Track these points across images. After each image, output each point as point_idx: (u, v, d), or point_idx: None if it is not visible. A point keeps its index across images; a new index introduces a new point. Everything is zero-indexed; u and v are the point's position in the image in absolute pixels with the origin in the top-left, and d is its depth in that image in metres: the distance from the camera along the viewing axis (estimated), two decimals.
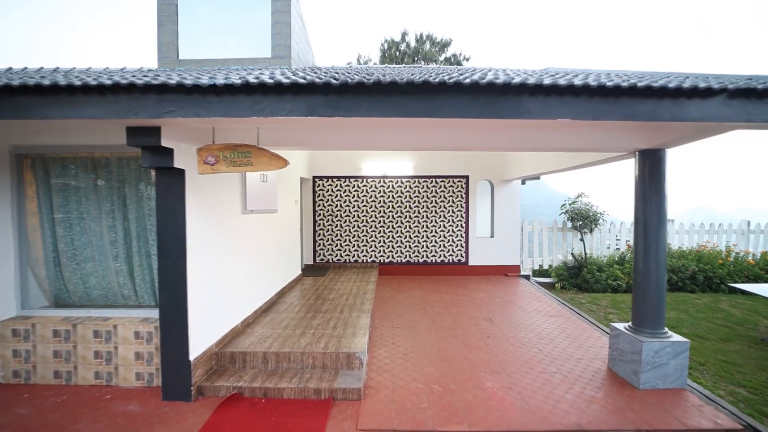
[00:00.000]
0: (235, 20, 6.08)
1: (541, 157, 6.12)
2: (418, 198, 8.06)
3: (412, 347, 4.32)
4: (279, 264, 5.75)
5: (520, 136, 3.46)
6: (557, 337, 4.68)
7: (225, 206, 3.91)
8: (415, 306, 5.93)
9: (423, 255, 8.12)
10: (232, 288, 4.05)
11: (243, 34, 6.12)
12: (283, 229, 5.98)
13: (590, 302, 6.72)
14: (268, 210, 5.11)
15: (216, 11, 5.88)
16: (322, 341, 3.84)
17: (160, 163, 2.91)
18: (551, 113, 2.47)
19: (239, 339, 3.90)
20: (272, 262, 5.42)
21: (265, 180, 4.94)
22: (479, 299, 6.35)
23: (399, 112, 2.43)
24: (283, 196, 5.97)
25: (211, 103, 2.44)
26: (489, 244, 8.14)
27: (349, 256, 8.13)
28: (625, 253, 8.33)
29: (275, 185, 5.40)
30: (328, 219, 8.08)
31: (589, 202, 8.07)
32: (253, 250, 4.66)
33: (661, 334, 3.47)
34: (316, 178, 8.06)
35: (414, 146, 3.49)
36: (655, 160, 3.48)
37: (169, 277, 3.10)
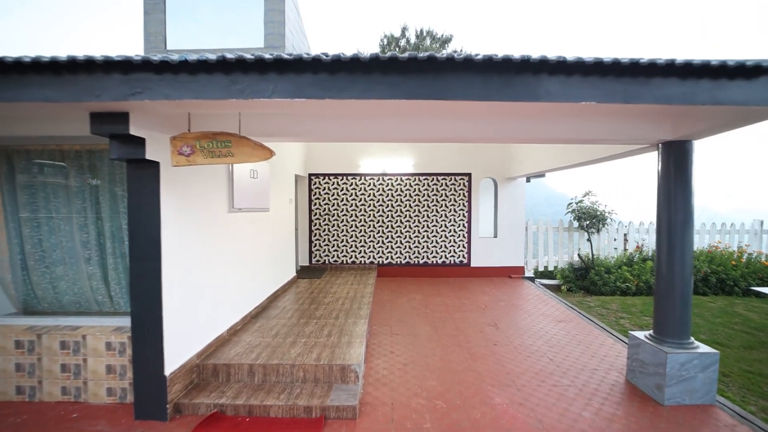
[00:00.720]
0: (226, 8, 5.75)
1: (548, 153, 5.80)
2: (419, 196, 7.74)
3: (413, 357, 3.99)
4: (271, 266, 5.43)
5: (533, 126, 3.14)
6: (568, 345, 4.36)
7: (209, 204, 3.58)
8: (416, 310, 5.60)
9: (423, 256, 7.80)
10: (217, 293, 3.72)
11: (234, 22, 5.80)
12: (276, 229, 5.65)
13: (599, 306, 6.40)
14: (258, 208, 4.78)
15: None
16: (314, 351, 3.51)
17: (130, 154, 2.58)
18: (574, 95, 2.15)
19: (224, 349, 3.57)
20: (264, 264, 5.09)
21: (255, 176, 4.61)
22: (483, 303, 6.03)
23: (400, 93, 2.11)
24: (276, 193, 5.64)
25: (183, 84, 2.11)
26: (492, 245, 7.83)
27: (346, 257, 7.80)
28: (634, 254, 8.02)
29: (267, 182, 5.07)
30: (325, 218, 7.75)
31: (596, 201, 7.76)
32: (241, 251, 4.34)
33: (687, 345, 3.16)
34: (312, 176, 7.73)
35: (416, 137, 3.16)
36: (681, 152, 3.16)
37: (142, 282, 2.77)
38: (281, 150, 5.93)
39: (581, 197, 7.87)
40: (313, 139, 3.34)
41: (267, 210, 5.15)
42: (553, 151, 5.61)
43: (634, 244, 8.29)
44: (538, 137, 3.17)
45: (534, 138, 3.18)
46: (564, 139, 3.27)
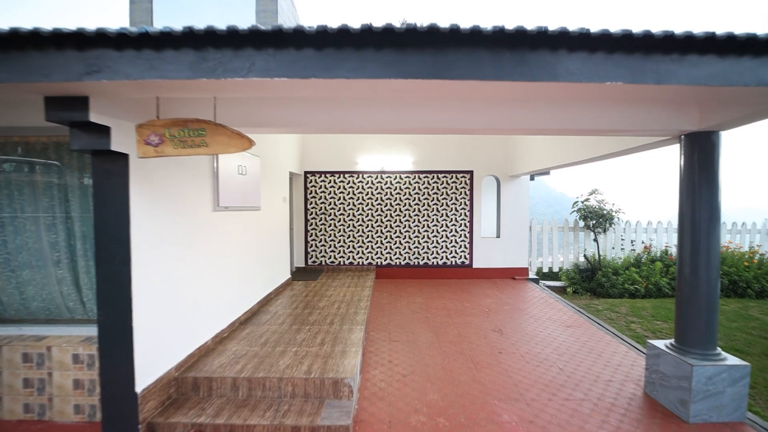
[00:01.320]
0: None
1: (553, 149, 5.52)
2: (418, 195, 7.45)
3: (413, 366, 3.70)
4: (263, 268, 5.14)
5: (546, 114, 2.84)
6: (579, 353, 4.07)
7: (190, 201, 3.29)
8: (416, 315, 5.32)
9: (423, 257, 7.51)
10: (200, 298, 3.43)
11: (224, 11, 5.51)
12: (268, 229, 5.36)
13: (608, 309, 6.11)
14: (248, 207, 4.49)
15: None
16: (305, 362, 3.22)
17: (93, 144, 2.29)
18: (598, 74, 1.86)
19: (207, 359, 3.28)
20: (254, 266, 4.80)
21: (243, 173, 4.32)
22: (486, 306, 5.74)
23: (396, 72, 1.82)
24: (268, 192, 5.35)
25: (146, 61, 1.82)
26: (495, 245, 7.54)
27: (343, 258, 7.51)
28: (641, 254, 7.73)
29: (257, 179, 4.78)
30: (321, 218, 7.46)
31: (602, 200, 7.47)
32: (228, 253, 4.05)
33: (714, 356, 2.87)
34: (307, 174, 7.44)
35: (417, 127, 2.87)
36: (707, 145, 2.87)
37: (109, 288, 2.48)
38: (274, 146, 5.64)
39: (587, 196, 7.58)
40: (302, 129, 3.05)
41: (258, 209, 4.86)
42: (559, 146, 5.33)
43: (641, 244, 8.00)
44: (551, 127, 2.87)
45: (546, 128, 2.89)
46: (579, 130, 2.97)
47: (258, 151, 4.90)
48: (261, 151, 5.03)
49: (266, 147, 5.28)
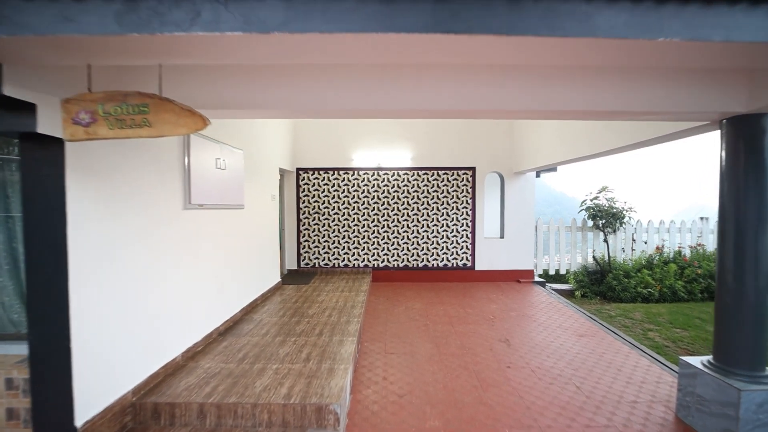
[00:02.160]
0: None
1: (563, 142, 5.08)
2: (417, 193, 7.02)
3: (411, 384, 3.28)
4: (248, 272, 4.71)
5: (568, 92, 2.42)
6: (596, 367, 3.64)
7: (153, 198, 2.87)
8: (414, 322, 4.89)
9: (423, 259, 7.08)
10: (167, 309, 3.00)
11: None
12: (253, 230, 4.93)
13: (621, 315, 5.69)
14: (228, 205, 4.07)
15: None
16: (286, 383, 2.80)
17: (13, 125, 1.86)
18: (649, 28, 1.43)
19: (174, 380, 2.86)
20: (237, 270, 4.38)
21: (222, 167, 3.90)
22: (490, 312, 5.31)
23: (384, 24, 1.39)
24: (253, 189, 4.92)
25: (58, 10, 1.40)
26: (499, 246, 7.11)
27: (338, 260, 7.08)
28: (654, 255, 7.30)
29: (240, 175, 4.35)
30: (314, 217, 7.03)
31: (612, 198, 7.03)
32: (205, 256, 3.62)
33: (764, 379, 2.44)
34: (300, 171, 7.01)
35: (414, 107, 2.44)
36: (756, 130, 2.45)
37: (41, 301, 2.06)
38: (260, 139, 5.21)
39: (596, 194, 7.15)
40: (276, 112, 2.61)
41: (241, 207, 4.43)
42: (573, 137, 4.89)
43: (646, 244, 7.57)
44: (574, 108, 2.44)
45: (567, 110, 2.46)
46: (606, 113, 2.54)
47: (241, 144, 4.48)
48: (245, 144, 4.60)
49: (251, 140, 4.85)
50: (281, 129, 6.22)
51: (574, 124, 4.78)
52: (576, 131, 4.70)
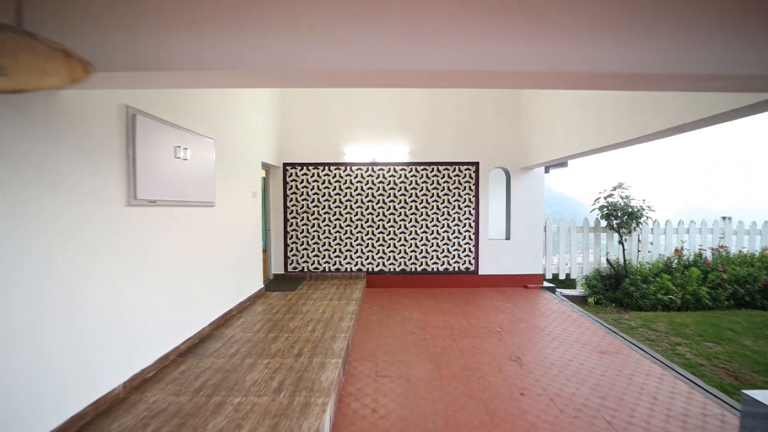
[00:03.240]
0: None
1: (583, 129, 4.50)
2: (416, 190, 6.43)
3: (406, 419, 2.68)
4: (221, 279, 4.12)
5: (607, 48, 1.83)
6: (627, 395, 3.05)
7: (81, 191, 2.28)
8: (412, 336, 4.29)
9: (421, 262, 6.48)
10: (102, 328, 2.41)
11: None
12: (230, 231, 4.34)
13: (642, 326, 5.10)
14: (193, 202, 3.48)
15: None
16: (246, 425, 2.20)
17: None
18: None
19: (106, 420, 2.26)
20: (206, 277, 3.79)
21: (184, 156, 3.30)
22: (497, 323, 4.72)
23: None
24: (228, 184, 4.34)
25: None
26: (504, 249, 6.52)
27: (329, 263, 6.48)
28: (672, 258, 6.72)
29: (208, 168, 3.77)
30: (303, 217, 6.43)
31: (628, 195, 6.44)
32: (160, 262, 3.03)
33: None
34: (287, 166, 6.42)
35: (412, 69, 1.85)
36: None
37: None
38: (238, 128, 4.62)
39: (610, 191, 6.56)
40: (241, 80, 2.01)
41: (211, 205, 3.85)
42: (587, 128, 4.31)
43: (670, 247, 6.98)
44: (618, 70, 1.85)
45: (610, 72, 1.87)
46: (660, 77, 1.94)
47: (212, 132, 3.89)
48: (217, 132, 4.01)
49: (226, 128, 4.26)
50: (265, 119, 5.63)
51: (592, 111, 4.19)
52: (596, 117, 4.12)
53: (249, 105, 5.01)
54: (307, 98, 6.37)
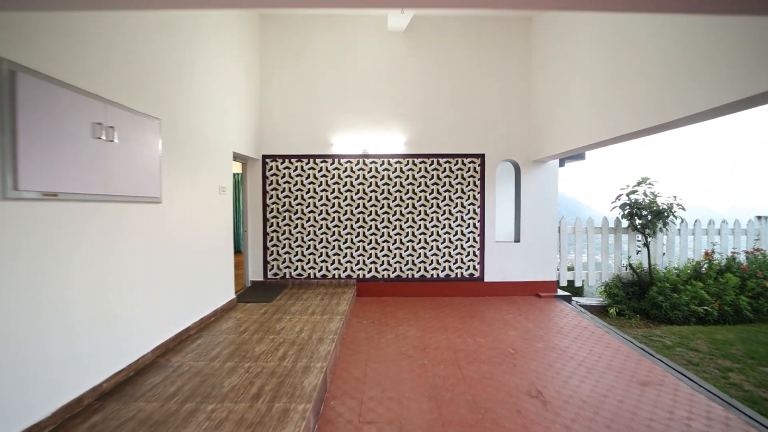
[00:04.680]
0: None
1: (613, 112, 3.74)
2: (413, 186, 5.67)
3: None
4: (171, 293, 3.36)
5: None
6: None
7: None
8: (407, 361, 3.53)
9: (419, 267, 5.72)
10: None
11: None
12: (185, 233, 3.59)
13: (679, 344, 4.34)
14: (125, 197, 2.72)
15: None
16: None
17: None
18: None
19: None
20: (147, 292, 3.03)
21: (111, 138, 2.54)
22: (509, 343, 3.97)
23: None
24: (185, 177, 3.58)
25: None
26: (513, 252, 5.76)
27: (314, 269, 5.72)
28: (702, 263, 5.96)
29: (151, 154, 3.00)
30: (285, 217, 5.67)
31: (655, 192, 5.68)
32: (69, 276, 2.26)
33: None
34: (267, 158, 5.65)
35: None
36: None
37: None
38: (200, 110, 3.85)
39: (633, 186, 5.80)
40: None
41: (155, 201, 3.08)
42: (618, 110, 3.55)
43: (699, 250, 6.22)
44: None
45: None
46: None
47: (158, 110, 3.12)
48: (166, 111, 3.25)
49: (180, 107, 3.50)
50: (239, 101, 4.87)
51: (626, 86, 3.43)
52: (630, 95, 3.35)
53: (216, 81, 4.24)
54: (289, 79, 5.61)
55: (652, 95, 3.10)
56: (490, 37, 5.63)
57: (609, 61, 3.72)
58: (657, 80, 3.04)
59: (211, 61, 4.12)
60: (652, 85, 3.09)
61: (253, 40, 5.39)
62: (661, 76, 2.98)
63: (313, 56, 5.60)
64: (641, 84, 3.23)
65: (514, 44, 5.64)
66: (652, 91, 3.10)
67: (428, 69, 5.62)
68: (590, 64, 4.07)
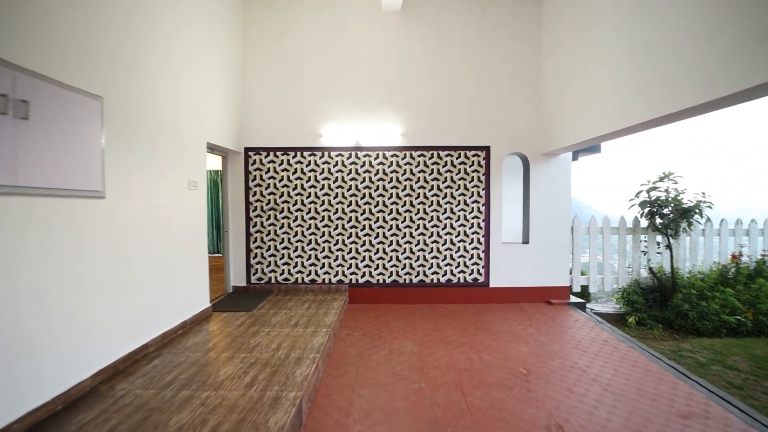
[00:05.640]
0: None
1: (642, 93, 3.20)
2: (410, 182, 5.14)
3: None
4: (119, 308, 2.84)
5: None
6: None
7: None
8: (401, 384, 3.00)
9: (418, 271, 5.19)
10: None
11: None
12: (138, 235, 3.07)
13: (714, 361, 3.80)
14: (49, 191, 2.19)
15: None
16: None
17: None
18: None
19: None
20: (81, 307, 2.51)
21: (21, 114, 2.02)
22: (521, 361, 3.43)
23: None
24: (141, 169, 3.05)
25: None
26: (521, 255, 5.22)
27: (302, 273, 5.19)
28: (729, 266, 5.42)
29: (90, 139, 2.48)
30: (270, 215, 5.15)
31: (678, 189, 5.13)
32: None
33: None
34: (249, 151, 5.13)
35: None
36: None
37: None
38: (162, 91, 3.32)
39: (654, 182, 5.26)
40: None
41: (97, 196, 2.56)
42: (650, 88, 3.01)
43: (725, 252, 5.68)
44: None
45: None
46: None
47: (100, 85, 2.60)
48: (110, 88, 2.72)
49: (134, 85, 2.97)
50: (216, 84, 4.34)
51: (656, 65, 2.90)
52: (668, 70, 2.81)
53: (185, 58, 3.72)
54: (274, 64, 5.08)
55: (696, 67, 2.56)
56: (497, 9, 5.06)
57: (639, 29, 3.18)
58: (703, 50, 2.50)
59: (178, 33, 3.60)
60: (697, 56, 2.55)
61: (233, 20, 4.86)
62: (710, 44, 2.44)
63: (299, 38, 5.08)
64: (685, 56, 2.69)
65: (524, 18, 5.07)
66: (696, 64, 2.56)
67: (427, 51, 5.09)
68: (615, 36, 3.53)
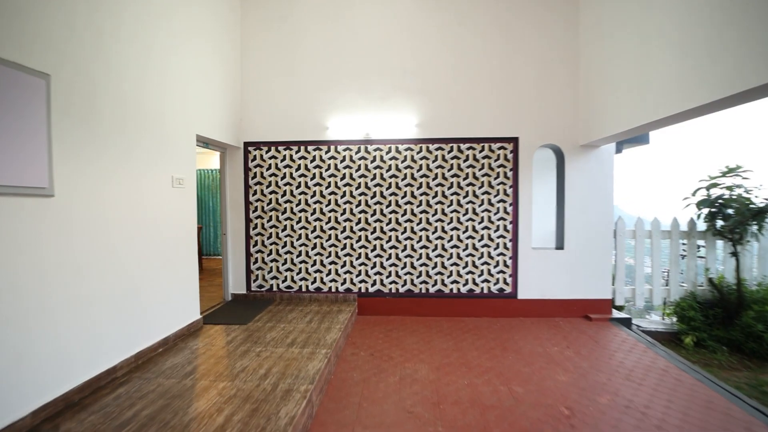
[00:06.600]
0: None
1: (722, 61, 2.51)
2: (427, 179, 4.56)
3: None
4: (73, 328, 2.42)
5: None
6: None
7: None
8: (411, 425, 2.43)
9: (435, 280, 4.61)
10: None
11: None
12: (98, 241, 2.64)
13: None
14: None
15: None
16: None
17: None
18: None
19: None
20: (16, 328, 2.08)
21: None
22: (560, 395, 2.80)
23: None
24: (107, 162, 2.63)
25: None
26: (555, 262, 4.54)
27: (306, 280, 4.71)
28: None
29: (34, 124, 2.05)
30: (271, 216, 4.69)
31: (744, 187, 4.32)
32: None
33: None
34: (249, 146, 4.69)
35: None
36: None
37: None
38: (134, 72, 2.89)
39: (716, 177, 4.46)
40: None
41: (43, 194, 2.14)
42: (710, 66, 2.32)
43: None
44: None
45: None
46: None
47: (45, 63, 2.17)
48: (61, 66, 2.29)
49: (93, 64, 2.54)
50: (207, 71, 3.91)
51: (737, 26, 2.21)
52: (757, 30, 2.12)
53: (169, 33, 3.29)
54: (275, 49, 4.62)
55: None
56: None
57: None
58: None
59: (157, 13, 3.17)
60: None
61: (229, 2, 4.43)
62: None
63: (302, 22, 4.59)
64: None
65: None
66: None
67: (445, 30, 4.50)
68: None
